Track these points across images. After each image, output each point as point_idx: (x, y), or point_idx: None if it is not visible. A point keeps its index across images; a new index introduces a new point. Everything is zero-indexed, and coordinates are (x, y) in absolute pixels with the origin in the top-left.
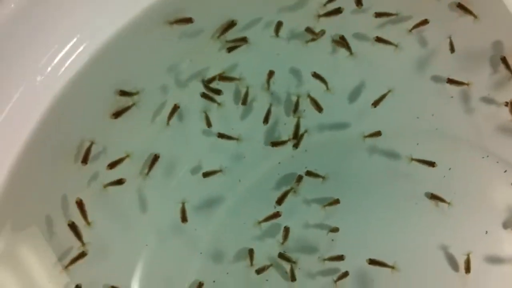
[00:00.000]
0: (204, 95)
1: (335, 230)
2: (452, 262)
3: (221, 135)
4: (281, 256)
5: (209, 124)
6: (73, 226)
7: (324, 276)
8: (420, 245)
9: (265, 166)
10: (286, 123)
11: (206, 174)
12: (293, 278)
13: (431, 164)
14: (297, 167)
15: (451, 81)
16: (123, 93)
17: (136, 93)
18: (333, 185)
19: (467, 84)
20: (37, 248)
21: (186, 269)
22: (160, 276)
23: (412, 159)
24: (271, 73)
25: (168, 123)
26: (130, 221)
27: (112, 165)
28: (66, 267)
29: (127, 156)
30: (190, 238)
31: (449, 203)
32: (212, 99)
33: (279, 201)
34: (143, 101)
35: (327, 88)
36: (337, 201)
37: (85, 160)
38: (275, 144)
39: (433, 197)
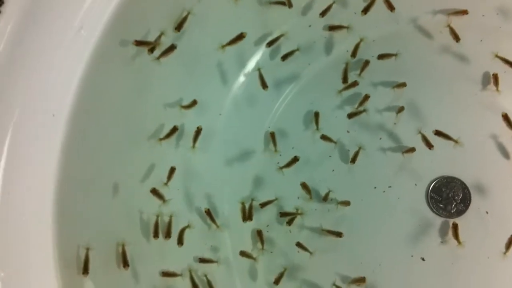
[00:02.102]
0: None
1: (401, 109)
2: (505, 150)
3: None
4: (352, 114)
5: (290, 4)
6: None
7: (383, 156)
8: (477, 129)
9: (334, 53)
10: (357, 12)
11: (284, 57)
12: (353, 161)
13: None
14: (364, 55)
15: None
16: None
17: None
18: (399, 72)
19: None
20: None
21: (255, 141)
22: (232, 141)
23: (496, 56)
24: None
25: None
26: (208, 92)
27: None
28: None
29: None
30: (260, 112)
31: (498, 90)
32: None
33: (344, 79)
34: None
35: None
36: (404, 84)
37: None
38: (332, 28)
39: (494, 77)
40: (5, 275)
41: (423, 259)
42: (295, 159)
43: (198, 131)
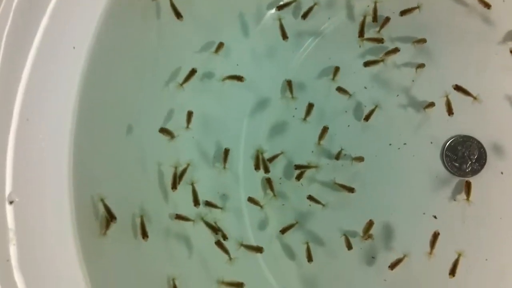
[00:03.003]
0: None
1: (420, 66)
2: None
3: None
4: (369, 63)
5: None
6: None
7: (400, 113)
8: (496, 89)
9: (355, 8)
10: None
11: (304, 15)
12: (367, 118)
13: None
14: (385, 11)
15: None
16: None
17: None
18: (419, 29)
19: None
20: None
21: (272, 92)
22: (249, 91)
23: None
24: None
25: None
26: (227, 42)
27: None
28: None
29: None
30: (278, 64)
31: None
32: None
33: (361, 33)
34: None
35: None
36: (423, 40)
37: None
38: None
39: None
40: (19, 201)
41: (435, 217)
42: (310, 106)
43: (240, 78)
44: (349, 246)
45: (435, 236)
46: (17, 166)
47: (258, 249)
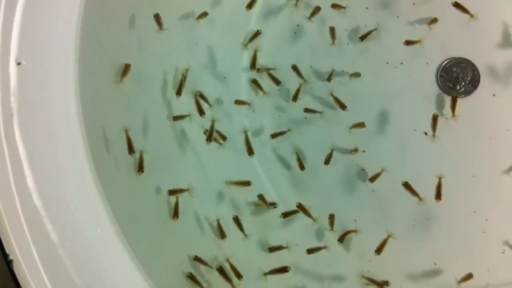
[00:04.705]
0: None
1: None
2: None
3: None
4: None
5: None
6: None
7: (399, 34)
8: (493, 14)
9: None
10: None
11: None
12: (363, 38)
13: None
14: None
15: None
16: None
17: None
18: None
19: None
20: None
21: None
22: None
23: None
24: None
25: None
26: None
27: None
28: None
29: None
30: None
31: None
32: None
33: None
34: None
35: None
36: None
37: None
38: None
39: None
40: (26, 64)
41: (425, 134)
42: (317, 8)
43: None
44: (327, 161)
45: (435, 118)
46: (24, 30)
47: (250, 151)
